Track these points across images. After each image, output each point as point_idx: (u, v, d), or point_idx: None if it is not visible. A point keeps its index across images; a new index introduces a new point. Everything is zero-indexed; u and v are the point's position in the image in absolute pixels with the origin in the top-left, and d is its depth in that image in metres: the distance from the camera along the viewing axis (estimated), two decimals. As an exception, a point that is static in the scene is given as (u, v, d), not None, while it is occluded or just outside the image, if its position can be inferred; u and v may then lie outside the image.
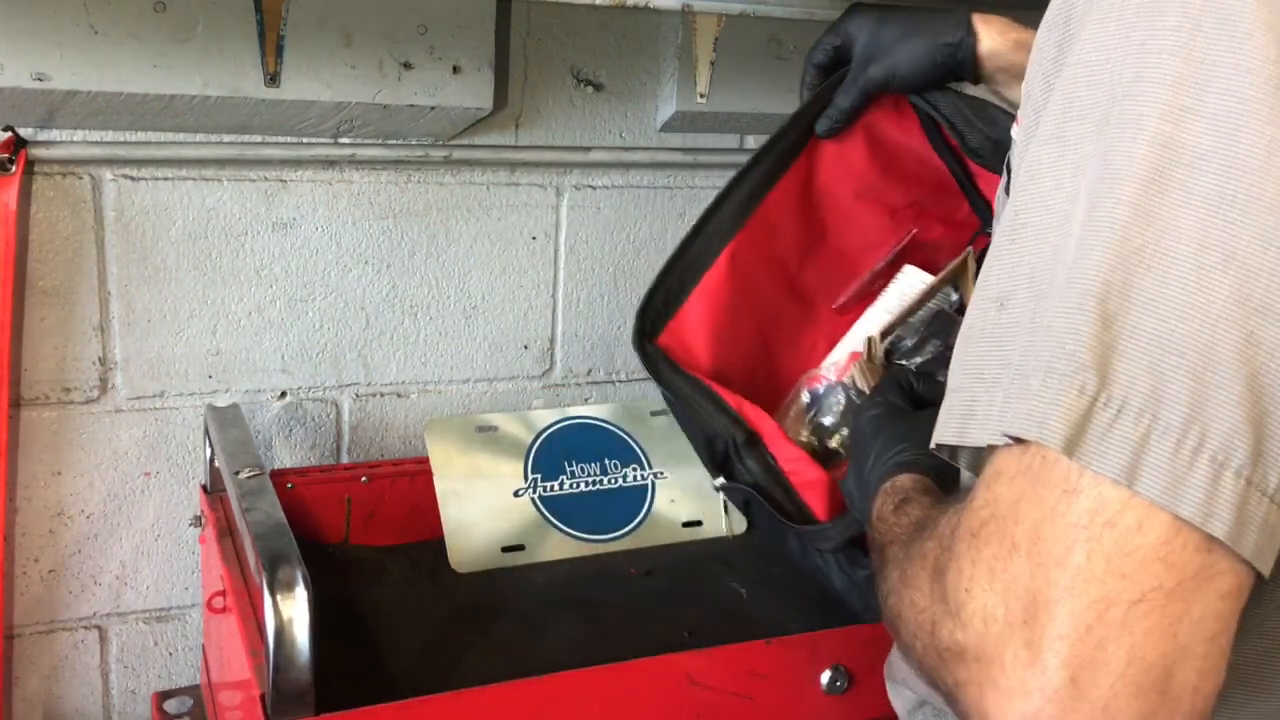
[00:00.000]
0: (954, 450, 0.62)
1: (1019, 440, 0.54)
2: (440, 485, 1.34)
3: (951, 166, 1.24)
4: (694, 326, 1.20)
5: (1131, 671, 0.49)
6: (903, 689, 0.92)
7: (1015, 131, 0.75)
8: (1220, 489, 0.50)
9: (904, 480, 0.84)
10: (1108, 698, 0.50)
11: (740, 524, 1.44)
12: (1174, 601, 0.50)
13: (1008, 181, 0.75)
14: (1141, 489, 0.50)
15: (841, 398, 1.18)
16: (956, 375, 0.63)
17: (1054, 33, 0.62)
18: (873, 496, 0.84)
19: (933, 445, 0.63)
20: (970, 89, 1.17)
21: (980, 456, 0.60)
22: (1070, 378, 0.52)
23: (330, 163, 1.41)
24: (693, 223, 1.23)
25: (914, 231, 1.26)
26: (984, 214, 1.25)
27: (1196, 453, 0.51)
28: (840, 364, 1.22)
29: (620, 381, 1.65)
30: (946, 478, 0.83)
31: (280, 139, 1.38)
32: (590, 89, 1.52)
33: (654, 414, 1.49)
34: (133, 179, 1.34)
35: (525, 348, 1.58)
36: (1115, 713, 0.50)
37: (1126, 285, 0.53)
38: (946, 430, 0.62)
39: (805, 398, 1.21)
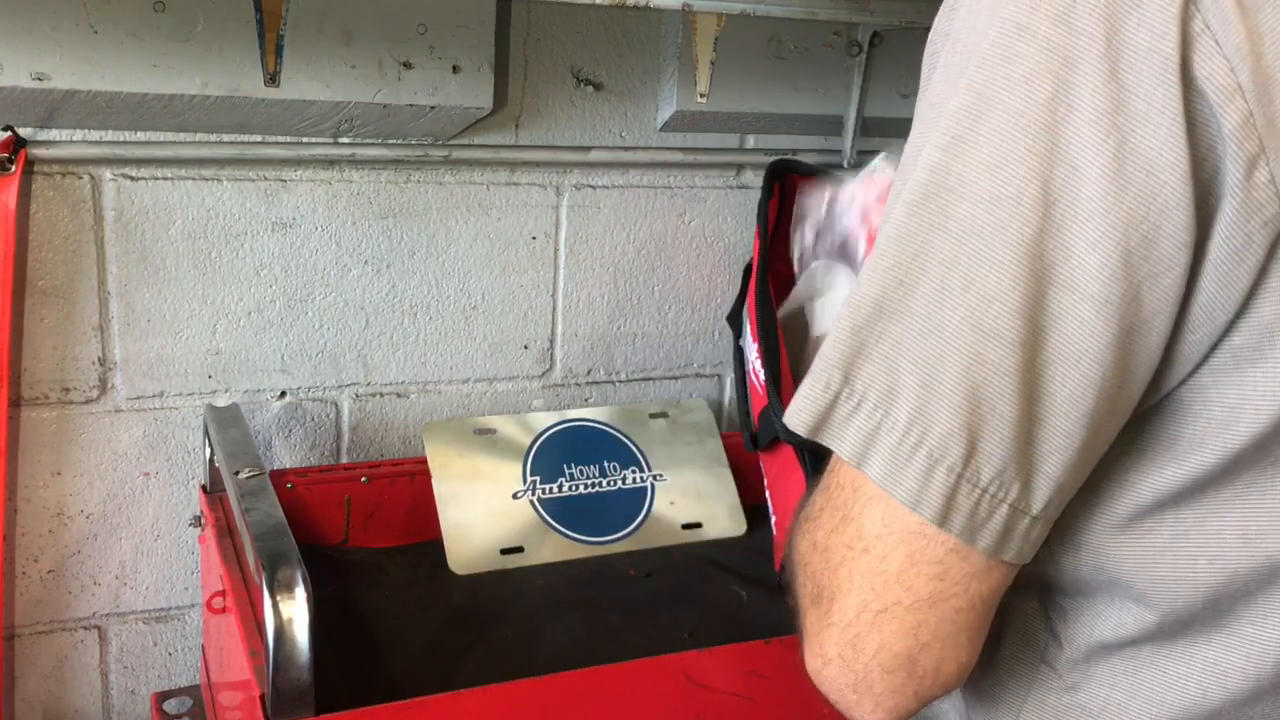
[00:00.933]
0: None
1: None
2: (439, 487, 1.34)
3: None
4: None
5: (880, 657, 0.63)
6: None
7: None
8: (933, 480, 0.59)
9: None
10: (864, 672, 0.64)
11: (740, 526, 1.44)
12: (912, 614, 0.62)
13: None
14: (868, 471, 0.61)
15: None
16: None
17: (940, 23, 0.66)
18: None
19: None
20: None
21: None
22: (820, 375, 0.62)
23: (330, 162, 1.41)
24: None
25: None
26: None
27: (916, 448, 0.59)
28: None
29: (620, 382, 1.65)
30: None
31: (280, 139, 1.38)
32: (590, 89, 1.52)
33: (653, 416, 1.50)
34: (133, 179, 1.34)
35: (525, 348, 1.58)
36: (871, 682, 0.64)
37: (881, 298, 0.60)
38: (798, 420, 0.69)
39: None
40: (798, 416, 0.63)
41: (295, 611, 0.92)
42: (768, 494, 1.31)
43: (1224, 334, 0.59)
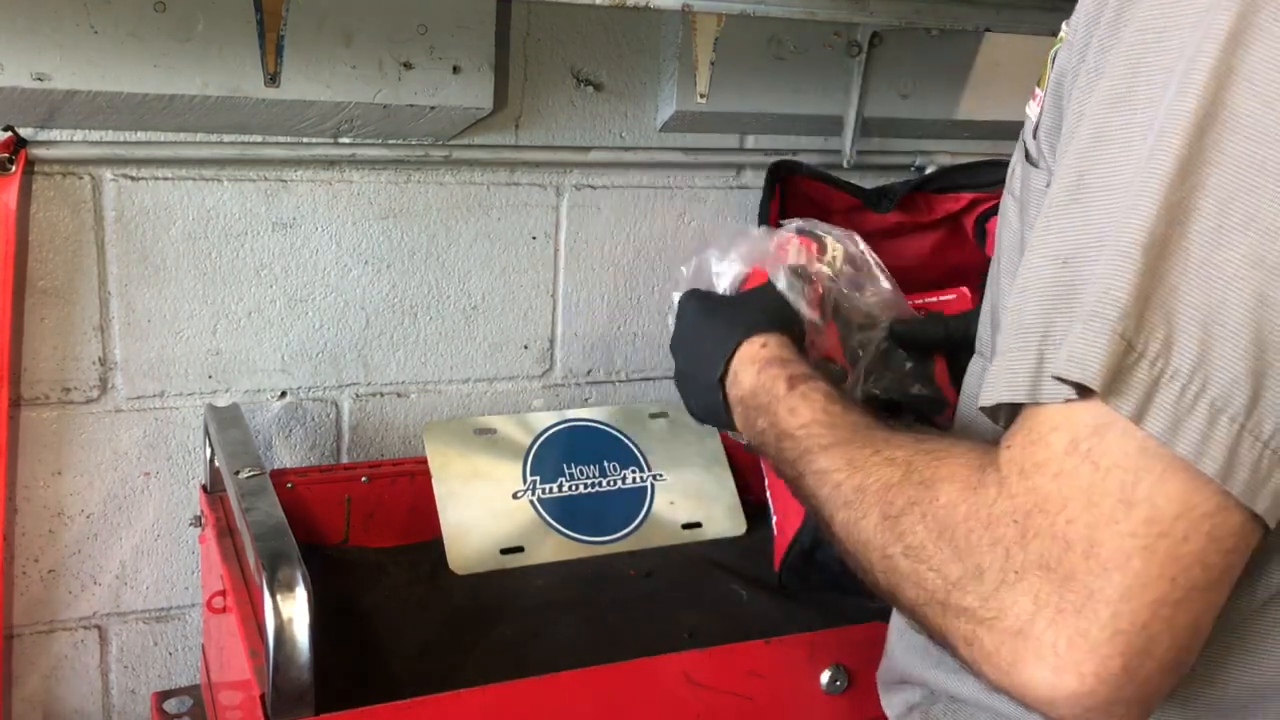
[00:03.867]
0: (995, 410, 0.63)
1: (1071, 389, 0.57)
2: (439, 487, 1.34)
3: None
4: None
5: (1170, 656, 0.56)
6: (894, 693, 0.92)
7: (1032, 108, 0.76)
8: (1215, 432, 0.54)
9: (773, 344, 0.90)
10: (1148, 678, 0.56)
11: (740, 526, 1.44)
12: (1205, 596, 0.56)
13: (1026, 153, 0.76)
14: (1149, 427, 0.55)
15: None
16: (1014, 335, 0.62)
17: None
18: (727, 360, 0.90)
19: (987, 405, 0.63)
20: None
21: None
22: (1114, 323, 0.55)
23: (330, 163, 1.41)
24: None
25: None
26: None
27: (1198, 397, 0.55)
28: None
29: (620, 381, 1.65)
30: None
31: (280, 139, 1.38)
32: (590, 89, 1.52)
33: (652, 416, 1.50)
34: (133, 179, 1.34)
35: (525, 348, 1.58)
36: (1152, 690, 0.56)
37: (1165, 237, 0.55)
38: (1014, 388, 0.61)
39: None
40: (1087, 370, 0.56)
41: (295, 611, 0.92)
42: (769, 494, 1.31)
43: None
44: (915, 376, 1.07)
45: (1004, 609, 0.58)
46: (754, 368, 0.89)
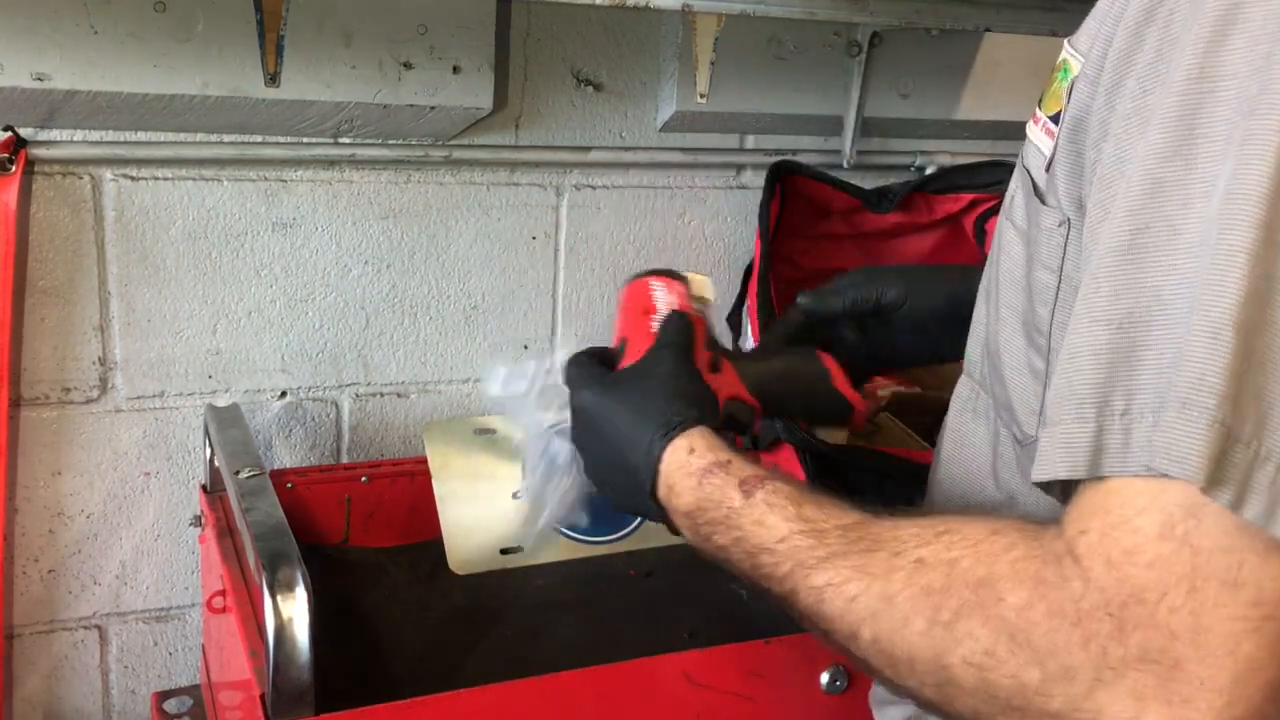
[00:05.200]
0: (1052, 485, 0.60)
1: (1156, 476, 0.54)
2: (439, 487, 1.34)
3: None
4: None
5: None
6: (887, 709, 0.92)
7: (1033, 129, 0.73)
8: None
9: (700, 445, 0.78)
10: None
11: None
12: None
13: (1035, 186, 0.73)
14: (1247, 513, 0.52)
15: None
16: (1070, 404, 0.59)
17: (1129, 25, 0.61)
18: (655, 473, 0.79)
19: (1042, 480, 0.60)
20: None
21: (1075, 490, 0.59)
22: (1213, 411, 0.53)
23: (330, 163, 1.41)
24: None
25: None
26: None
27: None
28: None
29: (620, 382, 1.64)
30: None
31: (280, 139, 1.38)
32: (590, 89, 1.52)
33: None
34: (133, 179, 1.34)
35: (525, 348, 1.58)
36: None
37: (1257, 314, 0.53)
38: (1073, 463, 0.58)
39: None
40: (1186, 465, 0.53)
41: (295, 611, 0.92)
42: None
43: None
44: (816, 390, 1.04)
45: (1101, 709, 0.55)
46: (692, 480, 0.78)
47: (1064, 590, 0.56)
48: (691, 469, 0.78)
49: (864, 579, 0.65)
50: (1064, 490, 0.60)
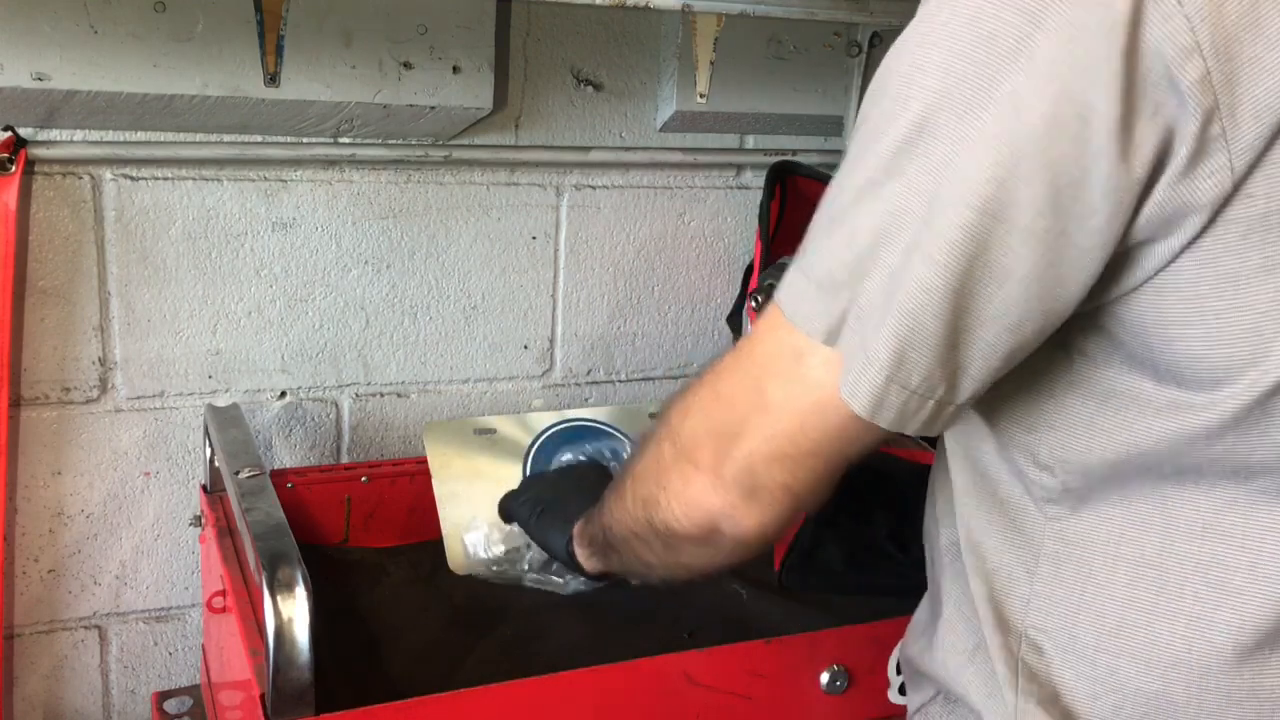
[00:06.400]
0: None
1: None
2: (439, 487, 1.34)
3: None
4: None
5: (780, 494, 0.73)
6: (914, 689, 0.92)
7: None
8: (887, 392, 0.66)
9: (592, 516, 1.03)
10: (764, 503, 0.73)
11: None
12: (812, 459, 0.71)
13: None
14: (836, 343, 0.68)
15: None
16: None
17: None
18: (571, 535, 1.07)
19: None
20: None
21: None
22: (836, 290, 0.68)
23: (330, 163, 1.41)
24: None
25: None
26: None
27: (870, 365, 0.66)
28: None
29: (620, 381, 1.65)
30: None
31: (280, 139, 1.38)
32: (590, 89, 1.52)
33: (653, 416, 1.49)
34: (133, 179, 1.34)
35: (525, 348, 1.58)
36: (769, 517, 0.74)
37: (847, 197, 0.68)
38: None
39: None
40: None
41: (295, 611, 0.92)
42: None
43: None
44: None
45: (682, 448, 0.78)
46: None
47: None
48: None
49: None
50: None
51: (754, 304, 1.27)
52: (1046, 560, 0.74)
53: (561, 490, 1.25)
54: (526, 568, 1.28)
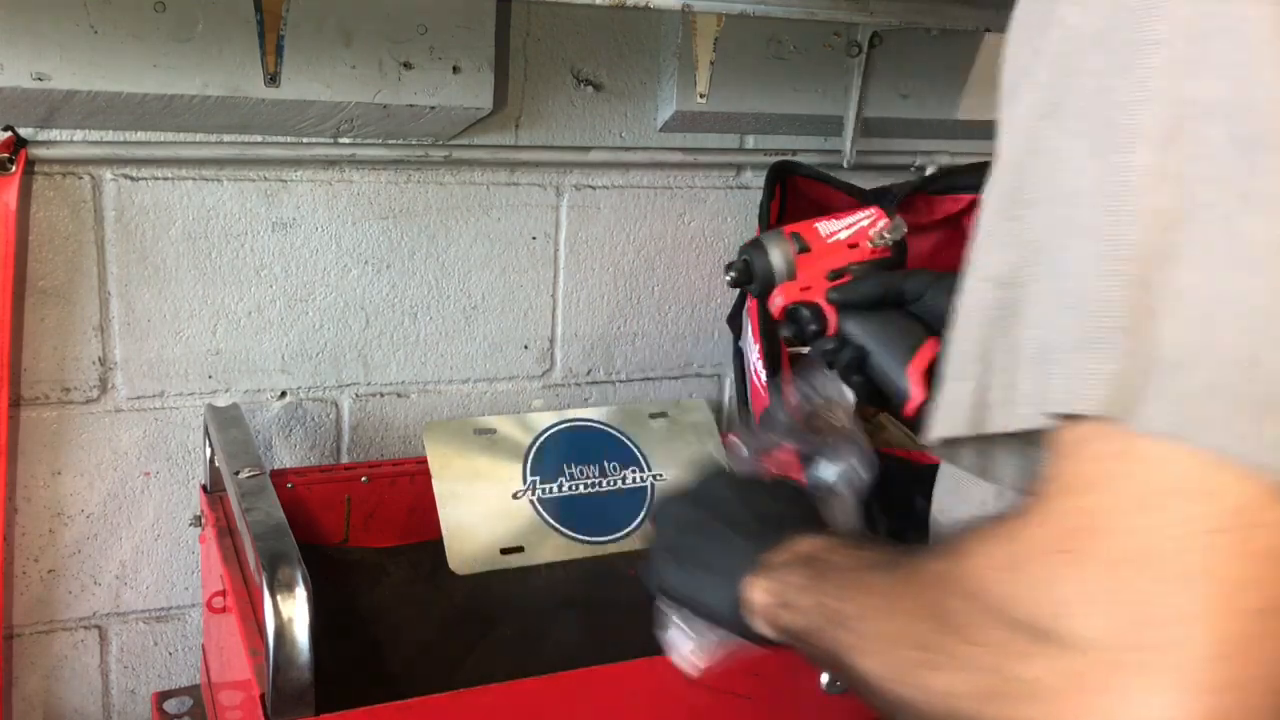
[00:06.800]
0: (950, 449, 0.59)
1: (1068, 418, 0.52)
2: (439, 487, 1.34)
3: None
4: None
5: (1271, 677, 0.48)
6: None
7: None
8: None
9: (797, 546, 0.74)
10: (1247, 709, 0.48)
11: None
12: None
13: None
14: (1208, 441, 0.48)
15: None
16: (955, 362, 0.59)
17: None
18: (747, 578, 0.76)
19: (932, 439, 0.59)
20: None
21: (989, 453, 0.58)
22: (1112, 345, 0.51)
23: (330, 163, 1.41)
24: None
25: None
26: None
27: (1257, 401, 0.49)
28: None
29: (620, 381, 1.65)
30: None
31: (280, 139, 1.38)
32: (590, 89, 1.52)
33: (652, 416, 1.50)
34: (133, 179, 1.34)
35: (525, 348, 1.58)
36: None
37: (1159, 245, 0.51)
38: (953, 422, 0.57)
39: None
40: (1093, 397, 0.51)
41: (295, 611, 0.92)
42: None
43: None
44: (887, 351, 1.03)
45: (1070, 646, 0.50)
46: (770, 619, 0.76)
47: (1004, 543, 0.54)
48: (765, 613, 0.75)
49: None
50: (977, 456, 0.59)
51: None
52: None
53: (727, 515, 0.85)
54: None
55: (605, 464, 1.43)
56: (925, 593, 0.58)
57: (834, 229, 1.12)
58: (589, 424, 1.45)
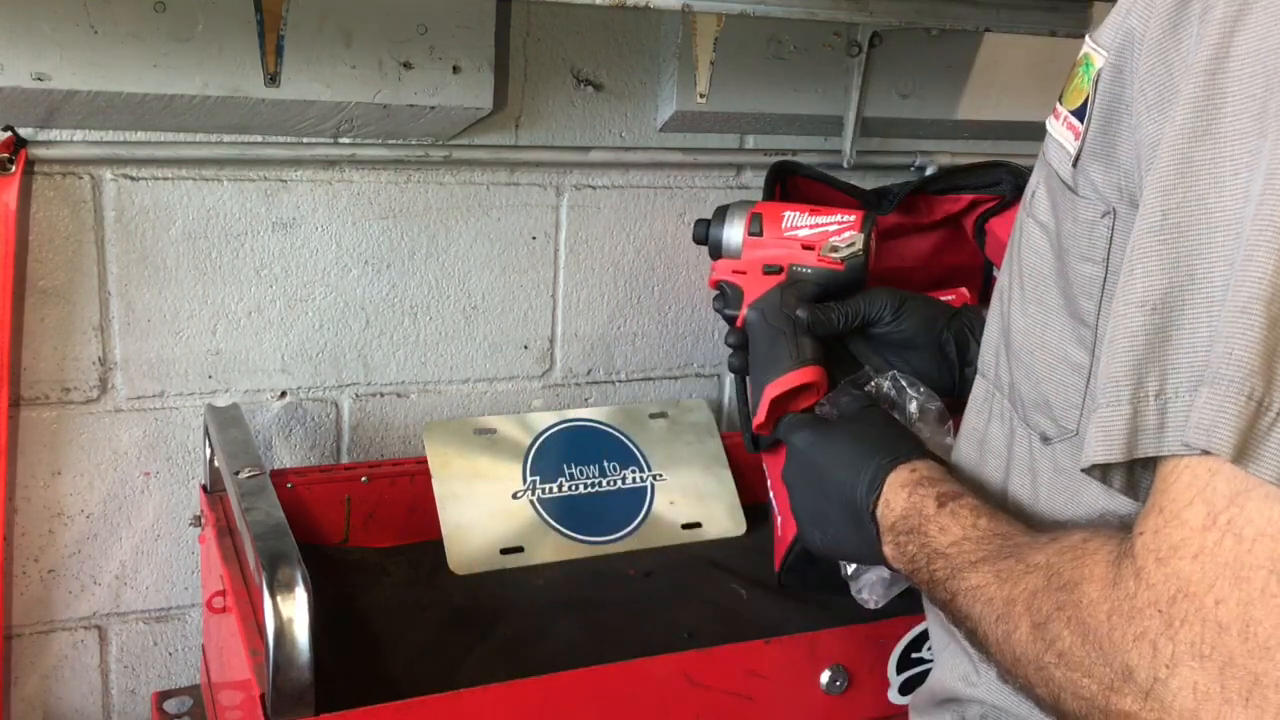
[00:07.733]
0: (1104, 472, 0.61)
1: (1196, 454, 0.54)
2: (439, 487, 1.35)
3: None
4: None
5: None
6: (930, 716, 0.91)
7: (1054, 124, 0.74)
8: None
9: (923, 468, 0.85)
10: None
11: (740, 526, 1.44)
12: None
13: (1064, 181, 0.73)
14: None
15: None
16: (1108, 389, 0.60)
17: (1162, 13, 0.61)
18: (879, 486, 0.85)
19: (1085, 466, 0.61)
20: None
21: (1136, 477, 0.60)
22: (1237, 384, 0.53)
23: (330, 163, 1.41)
24: None
25: None
26: None
27: None
28: None
29: (620, 381, 1.65)
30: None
31: (280, 139, 1.38)
32: (590, 89, 1.52)
33: (652, 416, 1.50)
34: (133, 179, 1.34)
35: (525, 348, 1.58)
36: None
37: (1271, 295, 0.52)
38: (1109, 448, 0.59)
39: None
40: (1213, 437, 0.53)
41: (295, 611, 0.92)
42: (771, 495, 1.31)
43: None
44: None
45: (1165, 707, 0.54)
46: (904, 492, 0.84)
47: (1121, 588, 0.57)
48: (907, 483, 0.84)
49: (997, 583, 0.69)
50: (1127, 478, 0.60)
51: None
52: None
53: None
54: None
55: (605, 464, 1.43)
56: (1043, 589, 0.64)
57: (800, 223, 1.16)
58: (589, 424, 1.45)
